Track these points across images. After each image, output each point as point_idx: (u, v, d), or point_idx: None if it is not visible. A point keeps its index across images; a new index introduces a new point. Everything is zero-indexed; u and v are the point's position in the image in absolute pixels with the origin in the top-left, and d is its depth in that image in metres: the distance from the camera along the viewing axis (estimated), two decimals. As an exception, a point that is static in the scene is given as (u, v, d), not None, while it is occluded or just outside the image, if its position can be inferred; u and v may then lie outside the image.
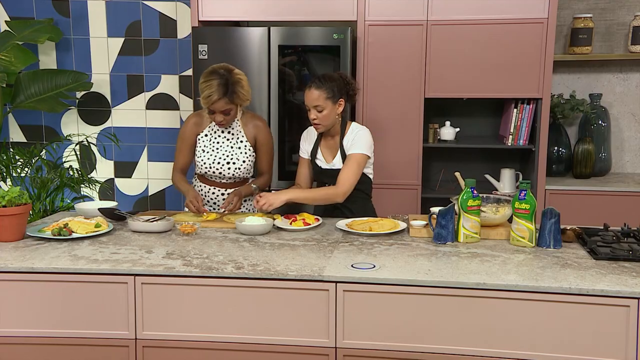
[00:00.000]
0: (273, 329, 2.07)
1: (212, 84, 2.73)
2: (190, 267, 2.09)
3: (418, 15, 3.62)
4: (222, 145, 2.92)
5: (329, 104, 2.76)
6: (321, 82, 2.77)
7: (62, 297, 2.13)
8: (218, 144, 2.92)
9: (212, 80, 2.74)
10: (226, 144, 2.92)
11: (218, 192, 2.98)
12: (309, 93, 2.77)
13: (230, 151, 2.92)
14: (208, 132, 2.93)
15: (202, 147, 2.92)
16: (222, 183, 2.97)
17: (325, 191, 2.79)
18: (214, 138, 2.93)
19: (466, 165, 4.09)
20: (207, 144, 2.92)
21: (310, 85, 2.78)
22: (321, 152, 2.92)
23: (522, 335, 1.95)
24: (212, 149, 2.91)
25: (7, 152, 4.13)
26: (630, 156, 4.19)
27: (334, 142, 2.89)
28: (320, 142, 2.93)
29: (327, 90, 2.75)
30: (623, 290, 1.88)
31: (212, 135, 2.93)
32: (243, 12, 3.75)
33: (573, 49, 3.93)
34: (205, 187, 3.00)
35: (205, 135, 2.93)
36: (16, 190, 2.40)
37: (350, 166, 2.77)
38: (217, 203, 3.01)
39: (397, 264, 2.12)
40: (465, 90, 3.69)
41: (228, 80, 2.76)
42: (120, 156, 4.56)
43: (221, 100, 2.74)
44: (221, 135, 2.93)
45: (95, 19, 4.40)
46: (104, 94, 4.50)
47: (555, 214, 2.31)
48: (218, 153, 2.91)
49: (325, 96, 2.74)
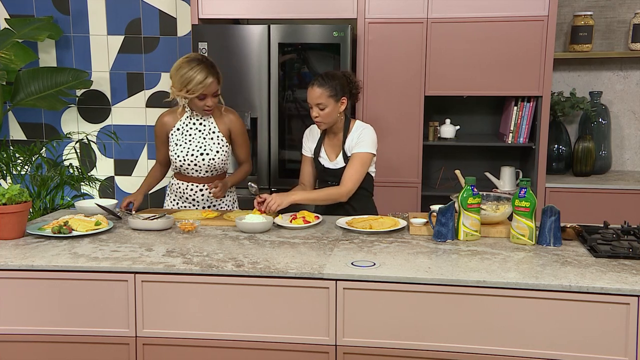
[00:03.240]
0: (273, 327, 2.07)
1: (200, 67, 2.75)
2: (190, 265, 2.10)
3: (418, 13, 3.62)
4: (194, 137, 2.92)
5: (332, 102, 2.75)
6: (324, 80, 2.76)
7: (62, 294, 2.13)
8: (190, 136, 2.92)
9: (199, 65, 2.76)
10: (199, 135, 2.92)
11: (196, 188, 2.96)
12: (311, 91, 2.77)
13: (203, 142, 2.91)
14: (180, 125, 2.93)
15: (175, 141, 2.92)
16: (199, 177, 2.95)
17: (329, 191, 2.80)
18: (185, 131, 2.93)
19: (466, 163, 4.09)
20: (180, 137, 2.92)
21: (313, 83, 2.78)
22: (325, 150, 2.92)
23: (522, 333, 1.96)
24: (184, 141, 2.91)
25: (7, 150, 4.13)
26: (630, 154, 4.19)
27: (337, 141, 2.89)
28: (323, 140, 2.93)
29: (330, 89, 2.75)
30: (623, 287, 1.88)
31: (183, 128, 2.93)
32: (243, 9, 3.75)
33: (573, 46, 3.93)
34: (183, 184, 2.98)
35: (177, 129, 2.93)
36: (16, 188, 2.40)
37: (354, 165, 2.78)
38: (197, 199, 2.99)
39: (397, 262, 2.12)
40: (466, 88, 3.69)
41: (208, 62, 2.80)
42: (120, 154, 4.56)
43: (214, 81, 2.78)
44: (193, 128, 2.93)
45: (95, 16, 4.40)
46: (104, 92, 4.50)
47: (556, 211, 2.31)
48: (191, 145, 2.90)
49: (327, 94, 2.74)
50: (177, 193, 3.02)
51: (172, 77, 2.81)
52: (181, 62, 2.79)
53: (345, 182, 2.77)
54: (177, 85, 2.80)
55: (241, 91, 3.68)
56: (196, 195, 2.98)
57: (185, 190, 2.99)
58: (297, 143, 3.75)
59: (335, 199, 2.79)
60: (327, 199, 2.80)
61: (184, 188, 2.99)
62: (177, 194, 3.02)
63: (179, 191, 3.00)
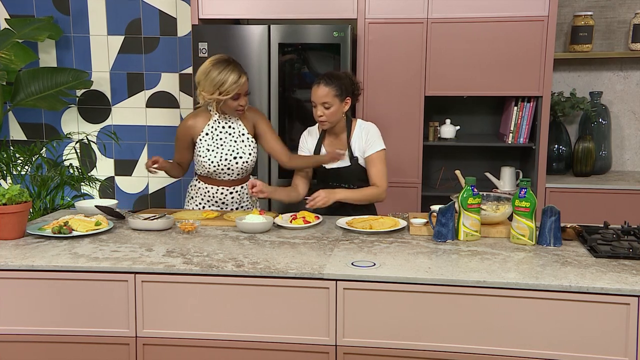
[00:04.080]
0: (273, 327, 2.07)
1: (231, 67, 2.75)
2: (190, 265, 2.10)
3: (418, 13, 3.62)
4: (225, 141, 2.89)
5: (337, 101, 2.77)
6: (330, 79, 2.78)
7: (63, 295, 2.13)
8: (221, 140, 2.89)
9: (229, 65, 2.75)
10: (229, 138, 2.90)
11: (226, 192, 2.95)
12: (317, 89, 2.77)
13: (234, 145, 2.89)
14: (208, 130, 2.89)
15: (206, 147, 2.88)
16: (229, 181, 2.94)
17: (370, 191, 2.85)
18: (215, 135, 2.89)
19: (466, 163, 4.09)
20: (210, 142, 2.88)
21: (319, 82, 2.78)
22: (325, 151, 2.92)
23: (522, 333, 1.96)
24: (216, 146, 2.88)
25: (7, 150, 4.13)
26: (630, 154, 4.19)
27: (339, 141, 2.89)
28: (323, 141, 2.93)
29: (336, 88, 2.76)
30: (623, 288, 1.88)
31: (213, 133, 2.89)
32: (243, 10, 3.75)
33: (573, 46, 3.93)
34: (212, 187, 2.95)
35: (206, 134, 2.89)
36: (16, 188, 2.41)
37: (376, 165, 2.85)
38: (226, 202, 2.98)
39: (397, 262, 2.12)
40: (466, 88, 3.69)
41: (236, 61, 2.80)
42: (120, 154, 4.56)
43: (246, 80, 2.78)
44: (222, 131, 2.90)
45: (95, 16, 4.40)
46: (104, 92, 4.50)
47: (556, 212, 2.31)
48: (223, 149, 2.88)
49: (333, 93, 2.76)
50: (205, 196, 2.98)
51: (200, 82, 2.77)
52: (209, 66, 2.76)
53: (377, 182, 2.84)
54: (208, 89, 2.75)
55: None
56: (226, 198, 2.97)
57: (215, 193, 2.96)
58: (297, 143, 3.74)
59: (374, 199, 2.87)
60: (368, 199, 2.86)
61: (213, 192, 2.96)
62: (205, 197, 2.98)
63: (207, 195, 2.97)
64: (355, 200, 2.85)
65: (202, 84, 2.77)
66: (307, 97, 3.72)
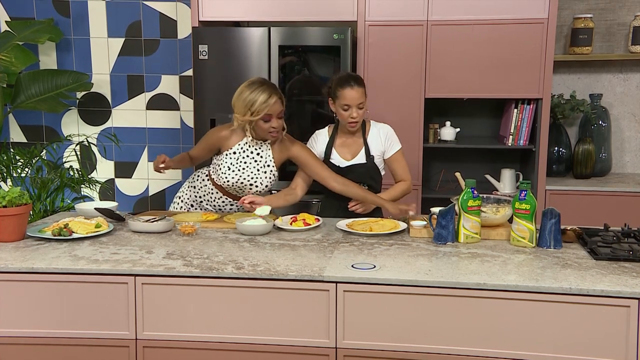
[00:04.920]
0: (273, 329, 2.07)
1: (263, 88, 2.69)
2: (190, 268, 2.09)
3: (418, 16, 3.62)
4: (248, 165, 2.84)
5: (365, 101, 2.83)
6: (357, 80, 2.82)
7: (63, 297, 2.13)
8: (245, 164, 2.84)
9: (262, 85, 2.70)
10: (253, 165, 2.85)
11: (228, 202, 2.95)
12: (352, 91, 2.76)
13: (255, 173, 2.85)
14: (237, 149, 2.85)
15: (229, 165, 2.83)
16: (235, 195, 2.94)
17: (401, 187, 2.96)
18: (242, 157, 2.84)
19: (466, 166, 4.09)
20: (234, 162, 2.84)
21: (352, 85, 2.77)
22: (336, 151, 2.92)
23: (522, 336, 1.95)
24: (238, 168, 2.83)
25: (7, 153, 4.13)
26: (630, 156, 4.19)
27: (354, 141, 2.91)
28: (334, 142, 2.93)
29: (364, 88, 2.82)
30: (623, 290, 1.88)
31: (240, 153, 2.84)
32: (243, 12, 3.75)
33: (573, 49, 3.93)
34: (217, 193, 2.94)
35: (234, 152, 2.84)
36: (16, 190, 2.40)
37: (400, 163, 2.96)
38: (222, 209, 2.98)
39: (397, 264, 2.12)
40: (466, 91, 3.69)
41: (270, 83, 2.75)
42: (120, 156, 4.57)
43: (278, 101, 2.72)
44: (250, 156, 2.85)
45: (95, 19, 4.40)
46: (104, 94, 4.50)
47: (556, 214, 2.30)
48: (244, 173, 2.84)
49: (364, 93, 2.81)
50: (207, 195, 2.97)
51: (234, 104, 2.74)
52: (243, 87, 2.73)
53: (404, 177, 2.97)
54: (241, 110, 2.71)
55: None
56: (225, 206, 2.96)
57: (217, 199, 2.95)
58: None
59: (406, 193, 2.98)
60: (402, 195, 2.96)
61: (217, 197, 2.95)
62: (206, 196, 2.98)
63: (210, 195, 2.96)
64: (395, 198, 2.92)
65: (235, 105, 2.74)
66: (307, 99, 3.74)
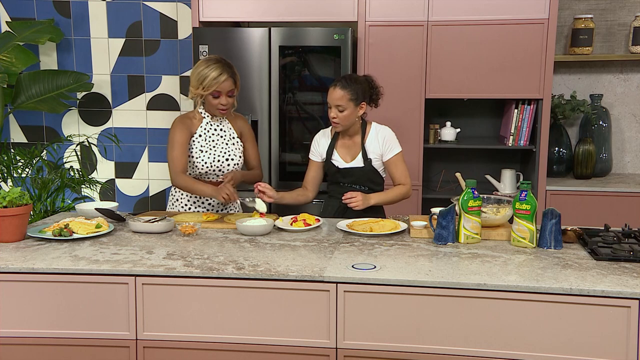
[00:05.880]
0: (274, 330, 2.07)
1: (215, 66, 2.79)
2: (190, 268, 2.10)
3: (418, 16, 3.62)
4: (217, 142, 2.93)
5: (351, 105, 2.78)
6: (347, 82, 2.80)
7: (63, 297, 2.13)
8: (213, 142, 2.93)
9: (213, 64, 2.80)
10: (221, 141, 2.94)
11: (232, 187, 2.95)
12: (333, 91, 2.78)
13: (226, 148, 2.94)
14: (201, 132, 2.93)
15: (199, 148, 2.91)
16: (217, 182, 2.96)
17: (399, 191, 2.90)
18: (208, 137, 2.93)
19: (467, 166, 4.10)
20: (203, 144, 2.92)
21: (335, 84, 2.80)
22: (337, 152, 2.92)
23: (523, 336, 1.95)
24: (209, 147, 2.92)
25: (8, 153, 4.13)
26: (631, 157, 4.19)
27: (353, 143, 2.91)
28: (336, 142, 2.94)
29: (352, 92, 2.78)
30: (624, 291, 1.88)
31: (205, 134, 2.93)
32: (243, 12, 3.75)
33: (574, 49, 3.93)
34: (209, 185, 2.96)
35: (199, 135, 2.93)
36: (17, 190, 2.41)
37: (398, 166, 2.90)
38: (212, 203, 3.00)
39: (397, 265, 2.12)
40: (466, 91, 3.69)
41: (226, 63, 2.84)
42: (120, 157, 4.57)
43: (229, 80, 2.80)
44: (215, 133, 2.94)
45: (96, 19, 4.40)
46: (104, 95, 4.50)
47: (556, 214, 2.30)
48: (215, 151, 2.92)
49: (348, 97, 2.77)
50: (192, 197, 3.00)
51: (190, 77, 2.86)
52: (200, 62, 2.85)
53: (403, 180, 2.90)
54: (194, 84, 2.83)
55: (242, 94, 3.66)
56: (212, 200, 2.99)
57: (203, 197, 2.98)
58: (297, 146, 3.76)
59: (404, 196, 2.92)
60: (398, 198, 2.90)
61: None
62: (192, 197, 3.00)
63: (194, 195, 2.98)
64: (388, 202, 2.90)
65: (191, 78, 2.86)
66: (307, 99, 3.75)
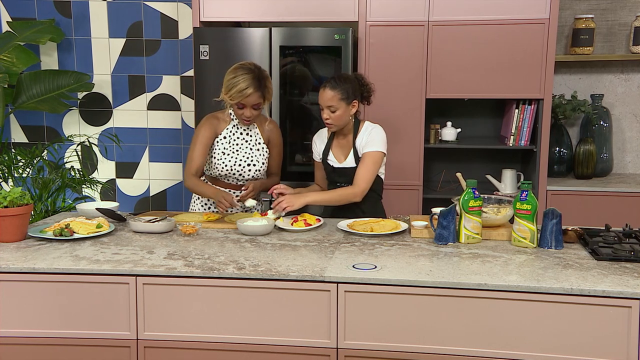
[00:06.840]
0: (274, 330, 2.07)
1: (245, 77, 2.73)
2: (191, 268, 2.10)
3: (419, 16, 3.62)
4: (241, 147, 2.91)
5: (343, 104, 2.77)
6: (336, 82, 2.78)
7: (64, 297, 2.13)
8: (237, 145, 2.91)
9: (244, 74, 2.74)
10: (245, 145, 2.92)
11: (233, 194, 2.95)
12: (323, 93, 2.78)
13: (249, 153, 2.91)
14: (226, 134, 2.91)
15: (222, 150, 2.89)
16: (238, 185, 2.96)
17: (342, 191, 2.79)
18: (233, 140, 2.91)
19: (467, 166, 4.09)
20: (227, 146, 2.90)
21: (325, 86, 2.79)
22: (332, 152, 2.93)
23: (523, 336, 1.95)
24: (232, 150, 2.90)
25: (8, 153, 4.14)
26: (631, 157, 4.19)
27: (347, 142, 2.90)
28: (332, 142, 2.94)
29: (342, 92, 2.76)
30: (625, 291, 1.88)
31: (230, 137, 2.91)
32: (244, 12, 3.75)
33: (574, 49, 3.93)
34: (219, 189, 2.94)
35: (224, 137, 2.91)
36: (18, 190, 2.41)
37: (366, 165, 2.78)
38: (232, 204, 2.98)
39: (398, 265, 2.12)
40: (467, 91, 3.69)
41: (259, 75, 2.77)
42: (121, 157, 4.57)
43: (255, 94, 2.75)
44: (240, 137, 2.92)
45: (96, 19, 4.40)
46: (105, 95, 4.50)
47: (557, 214, 2.30)
48: (238, 155, 2.90)
49: (339, 97, 2.76)
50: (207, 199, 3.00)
51: (224, 78, 2.80)
52: (233, 67, 2.79)
53: (358, 182, 2.76)
54: (223, 89, 2.79)
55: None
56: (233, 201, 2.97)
57: None
58: (298, 145, 3.76)
59: (349, 199, 2.77)
60: (341, 199, 2.79)
61: None
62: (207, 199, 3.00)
63: None
64: (328, 202, 2.82)
65: (224, 81, 2.80)
66: (307, 99, 3.74)
